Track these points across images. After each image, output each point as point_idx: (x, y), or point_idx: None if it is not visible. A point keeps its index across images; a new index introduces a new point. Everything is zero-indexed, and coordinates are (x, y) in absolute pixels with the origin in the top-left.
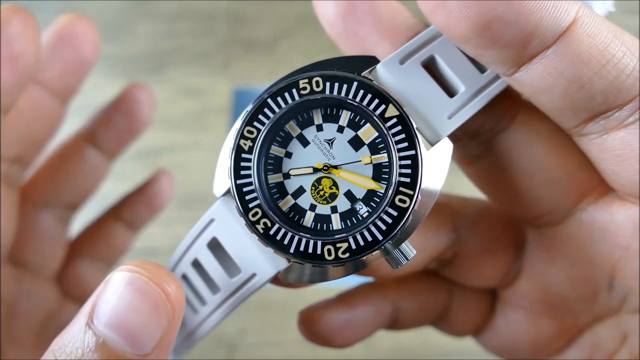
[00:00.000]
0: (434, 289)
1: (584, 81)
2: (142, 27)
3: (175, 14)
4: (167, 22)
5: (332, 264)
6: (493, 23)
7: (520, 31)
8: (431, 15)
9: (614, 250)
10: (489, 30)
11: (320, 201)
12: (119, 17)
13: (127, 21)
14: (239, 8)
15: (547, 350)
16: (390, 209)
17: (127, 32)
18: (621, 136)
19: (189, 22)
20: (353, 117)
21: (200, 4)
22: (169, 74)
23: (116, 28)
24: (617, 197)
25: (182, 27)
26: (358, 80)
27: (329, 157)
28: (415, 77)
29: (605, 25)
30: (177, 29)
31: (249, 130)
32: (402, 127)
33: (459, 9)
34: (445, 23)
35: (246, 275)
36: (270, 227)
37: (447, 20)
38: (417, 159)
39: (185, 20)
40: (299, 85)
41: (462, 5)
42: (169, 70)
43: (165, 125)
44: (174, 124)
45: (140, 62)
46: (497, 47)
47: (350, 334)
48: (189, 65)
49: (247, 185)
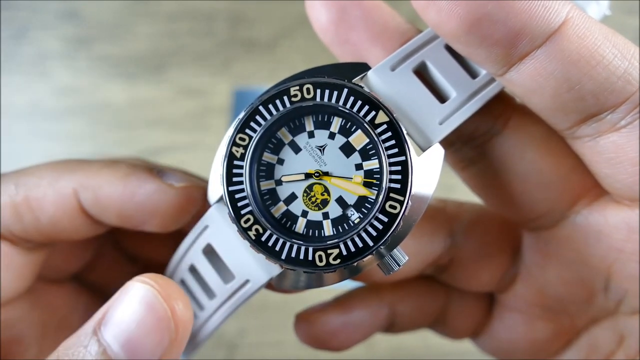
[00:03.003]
0: (430, 293)
1: (573, 82)
2: (142, 27)
3: (175, 14)
4: (167, 22)
5: (323, 270)
6: (482, 21)
7: (509, 30)
8: (423, 12)
9: (608, 253)
10: (478, 28)
11: (312, 207)
12: (119, 17)
13: (127, 21)
14: (239, 8)
15: (545, 352)
16: (381, 215)
17: (127, 32)
18: (614, 139)
19: (189, 22)
20: (344, 123)
21: (200, 4)
22: (169, 74)
23: (116, 28)
24: (611, 199)
25: (182, 27)
26: (348, 87)
27: (321, 163)
28: (407, 83)
29: (596, 27)
30: (177, 29)
31: (240, 137)
32: (392, 133)
33: (450, 6)
34: (436, 20)
35: (240, 282)
36: (262, 234)
37: (438, 17)
38: (407, 165)
39: (185, 20)
40: (290, 92)
41: (453, 3)
42: (169, 70)
43: (165, 125)
44: (174, 124)
45: (140, 62)
46: (486, 45)
47: (347, 337)
48: (189, 65)
49: (239, 192)
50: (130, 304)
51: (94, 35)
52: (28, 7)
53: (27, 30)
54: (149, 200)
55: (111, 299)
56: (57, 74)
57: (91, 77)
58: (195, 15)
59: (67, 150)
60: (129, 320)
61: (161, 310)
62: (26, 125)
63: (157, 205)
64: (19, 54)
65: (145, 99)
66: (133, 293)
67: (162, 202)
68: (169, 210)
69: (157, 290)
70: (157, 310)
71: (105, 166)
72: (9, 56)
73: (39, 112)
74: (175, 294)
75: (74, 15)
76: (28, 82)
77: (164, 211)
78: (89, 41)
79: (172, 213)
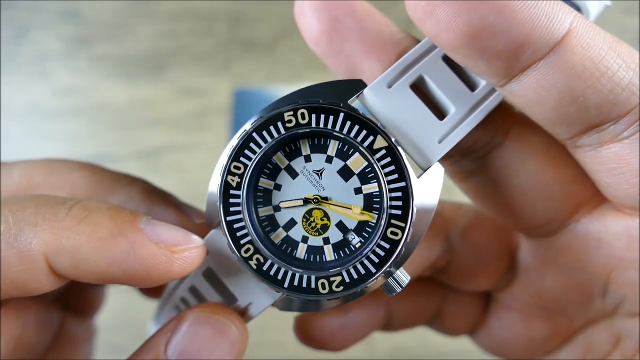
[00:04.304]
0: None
1: (577, 94)
2: (142, 27)
3: (175, 14)
4: (167, 22)
5: (326, 297)
6: (483, 33)
7: (510, 42)
8: (420, 23)
9: (608, 261)
10: (478, 40)
11: (312, 233)
12: (119, 17)
13: (127, 21)
14: (239, 8)
15: (541, 350)
16: (383, 242)
17: (127, 32)
18: (616, 150)
19: (189, 22)
20: (341, 146)
21: (200, 4)
22: (169, 74)
23: (116, 28)
24: (611, 207)
25: (182, 27)
26: (344, 112)
27: (319, 188)
28: (404, 101)
29: (600, 36)
30: (177, 29)
31: (235, 166)
32: (391, 158)
33: (448, 18)
34: (434, 32)
35: (243, 305)
36: (263, 263)
37: (435, 29)
38: (408, 191)
39: (185, 20)
40: (284, 117)
41: (451, 15)
42: (169, 70)
43: (165, 125)
44: (174, 124)
45: (140, 62)
46: (486, 57)
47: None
48: (189, 65)
49: (237, 221)
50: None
51: (94, 35)
52: (28, 7)
53: (27, 30)
54: (146, 262)
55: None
56: (57, 74)
57: (91, 77)
58: (195, 15)
59: (67, 150)
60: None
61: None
62: (26, 125)
63: (157, 265)
64: (19, 54)
65: (145, 99)
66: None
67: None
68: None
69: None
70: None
71: (84, 221)
72: (9, 56)
73: (39, 112)
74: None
75: (74, 15)
76: (28, 82)
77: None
78: (89, 41)
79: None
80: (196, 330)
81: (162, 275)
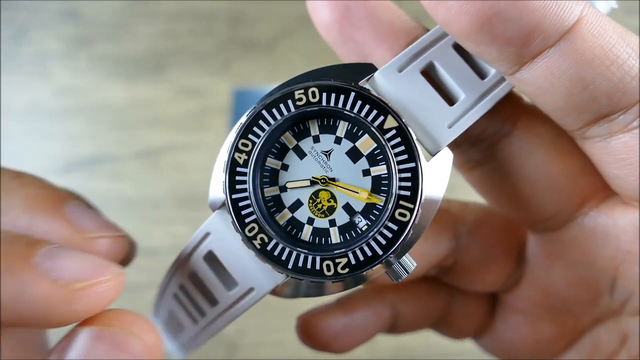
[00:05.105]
0: (433, 293)
1: (587, 82)
2: (142, 27)
3: (175, 14)
4: (167, 22)
5: (331, 279)
6: (494, 19)
7: (521, 29)
8: (432, 10)
9: (616, 254)
10: (489, 26)
11: (318, 214)
12: (119, 17)
13: (127, 21)
14: (239, 8)
15: (547, 352)
16: (391, 223)
17: (127, 32)
18: (625, 140)
19: (189, 22)
20: (351, 127)
21: (200, 4)
22: (169, 74)
23: (116, 28)
24: (619, 201)
25: (182, 27)
26: (355, 91)
27: (327, 169)
28: (414, 85)
29: (610, 25)
30: (177, 29)
31: (243, 143)
32: (401, 138)
33: (460, 4)
34: (445, 18)
35: (244, 289)
36: (267, 243)
37: (447, 15)
38: (418, 172)
39: (185, 20)
40: (294, 96)
41: (463, 2)
42: (169, 70)
43: (165, 125)
44: (174, 124)
45: (140, 62)
46: (497, 44)
47: (349, 339)
48: (189, 65)
49: (242, 199)
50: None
51: (94, 35)
52: (28, 7)
53: (27, 30)
54: (39, 304)
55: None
56: (57, 74)
57: (91, 77)
58: (195, 15)
59: (67, 150)
60: None
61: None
62: (26, 125)
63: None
64: (19, 54)
65: (145, 99)
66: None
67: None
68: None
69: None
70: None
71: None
72: (9, 56)
73: (39, 112)
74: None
75: (74, 15)
76: (28, 82)
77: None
78: (89, 41)
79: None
80: (91, 348)
81: (64, 316)
